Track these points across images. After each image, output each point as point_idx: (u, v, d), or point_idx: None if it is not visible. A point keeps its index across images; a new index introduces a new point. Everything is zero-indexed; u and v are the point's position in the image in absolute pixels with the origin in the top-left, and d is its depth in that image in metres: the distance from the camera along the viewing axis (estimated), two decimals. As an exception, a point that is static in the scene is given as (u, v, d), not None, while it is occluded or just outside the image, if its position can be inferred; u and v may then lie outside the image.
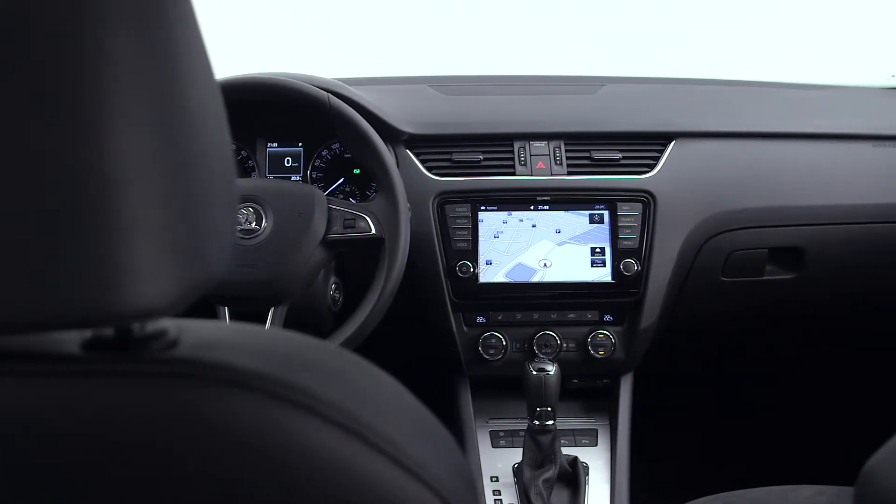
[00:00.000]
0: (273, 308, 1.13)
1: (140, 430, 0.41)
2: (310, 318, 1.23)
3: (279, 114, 1.31)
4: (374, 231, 1.15)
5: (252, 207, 1.14)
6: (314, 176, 1.36)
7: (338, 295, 1.26)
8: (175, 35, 0.42)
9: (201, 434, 0.41)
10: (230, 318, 1.14)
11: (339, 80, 1.34)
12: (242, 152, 1.36)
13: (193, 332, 0.46)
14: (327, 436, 0.42)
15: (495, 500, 1.23)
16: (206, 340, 0.46)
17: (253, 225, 1.13)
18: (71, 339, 0.45)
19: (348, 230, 1.15)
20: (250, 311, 1.15)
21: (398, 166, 1.30)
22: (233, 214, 0.47)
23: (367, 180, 1.36)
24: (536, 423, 1.19)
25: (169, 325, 0.46)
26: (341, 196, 1.36)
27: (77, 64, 0.38)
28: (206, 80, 0.44)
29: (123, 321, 0.42)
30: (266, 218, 1.13)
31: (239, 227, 1.13)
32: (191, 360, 0.43)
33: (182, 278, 0.42)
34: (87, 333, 0.45)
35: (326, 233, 1.14)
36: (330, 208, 1.16)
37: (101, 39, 0.38)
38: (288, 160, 1.37)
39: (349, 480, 0.42)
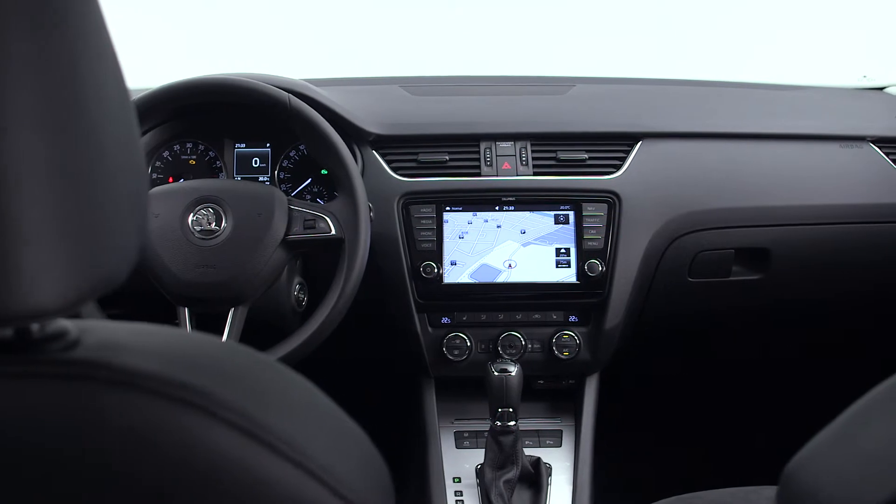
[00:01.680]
0: (233, 309, 1.13)
1: (36, 430, 0.41)
2: (274, 319, 1.23)
3: (246, 114, 1.31)
4: (333, 232, 1.15)
5: (212, 208, 1.14)
6: (281, 177, 1.36)
7: (302, 296, 1.26)
8: (76, 36, 0.41)
9: (97, 435, 0.42)
10: (190, 318, 1.14)
11: (309, 80, 1.34)
12: (210, 153, 1.36)
13: (95, 333, 0.46)
14: (222, 436, 0.42)
15: (457, 500, 1.23)
16: (108, 341, 0.46)
17: (213, 226, 1.13)
18: None
19: (308, 231, 1.15)
20: (210, 312, 1.15)
21: (364, 167, 1.30)
22: (140, 218, 0.47)
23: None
24: (498, 423, 1.19)
25: (70, 325, 0.46)
26: (308, 197, 1.35)
27: None
28: (111, 84, 0.44)
29: (16, 322, 0.42)
30: (226, 219, 1.13)
31: (199, 228, 1.13)
32: (88, 362, 0.43)
33: (78, 279, 0.42)
34: None
35: (286, 233, 1.14)
36: (291, 209, 1.16)
37: None
38: (256, 161, 1.37)
39: (244, 479, 0.42)
